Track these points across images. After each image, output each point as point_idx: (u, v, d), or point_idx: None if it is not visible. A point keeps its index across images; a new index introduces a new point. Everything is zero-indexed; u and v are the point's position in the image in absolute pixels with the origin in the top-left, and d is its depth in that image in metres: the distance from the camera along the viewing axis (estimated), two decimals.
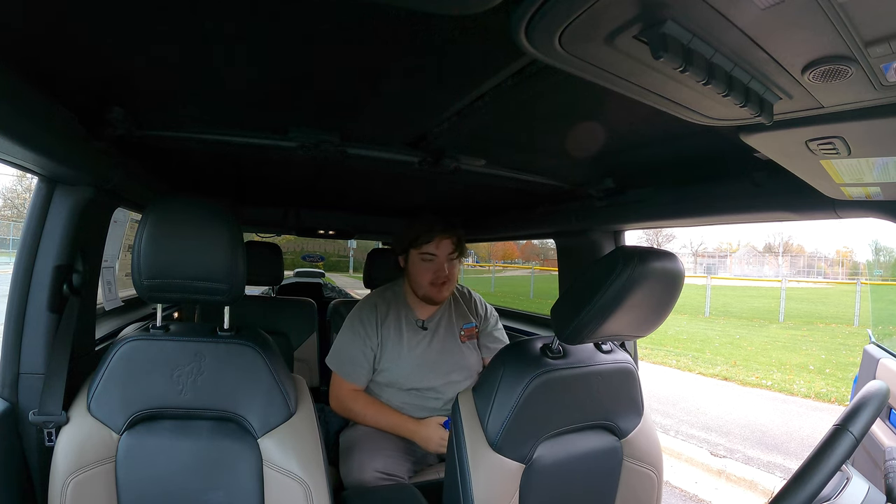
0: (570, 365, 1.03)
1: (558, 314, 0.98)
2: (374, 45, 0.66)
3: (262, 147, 1.12)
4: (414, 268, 1.54)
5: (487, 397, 1.02)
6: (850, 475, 0.77)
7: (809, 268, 33.25)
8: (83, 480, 0.88)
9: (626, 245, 0.83)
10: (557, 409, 1.03)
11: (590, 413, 1.07)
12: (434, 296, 1.54)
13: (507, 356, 1.05)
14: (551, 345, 1.04)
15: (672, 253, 0.92)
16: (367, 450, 1.38)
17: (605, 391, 1.07)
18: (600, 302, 0.87)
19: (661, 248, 0.88)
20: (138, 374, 0.94)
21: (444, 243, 1.51)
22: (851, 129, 0.58)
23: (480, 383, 1.07)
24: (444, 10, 0.50)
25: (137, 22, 0.61)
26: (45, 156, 0.84)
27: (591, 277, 0.90)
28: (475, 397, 1.05)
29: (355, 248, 13.73)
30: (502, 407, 0.99)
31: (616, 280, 0.85)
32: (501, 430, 0.99)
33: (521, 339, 1.09)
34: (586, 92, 0.70)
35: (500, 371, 1.03)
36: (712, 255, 38.03)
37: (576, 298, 0.93)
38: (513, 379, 1.00)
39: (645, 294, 0.89)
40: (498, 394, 1.00)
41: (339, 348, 1.54)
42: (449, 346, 1.58)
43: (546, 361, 1.02)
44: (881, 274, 16.06)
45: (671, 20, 0.43)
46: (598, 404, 1.07)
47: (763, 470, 3.38)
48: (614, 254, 0.87)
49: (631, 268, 0.84)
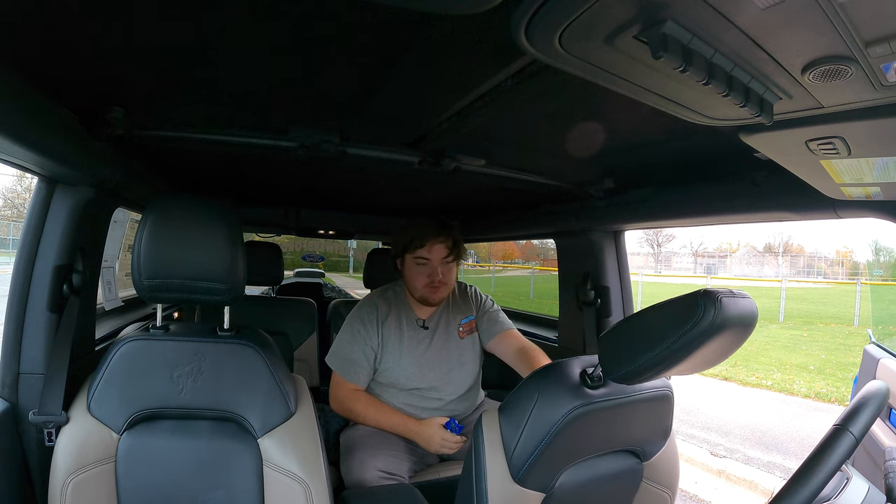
0: (610, 396, 0.92)
1: (609, 350, 0.87)
2: (374, 45, 0.66)
3: (262, 147, 1.12)
4: (409, 271, 1.54)
5: (516, 424, 0.92)
6: (850, 475, 0.77)
7: (809, 268, 33.24)
8: (83, 480, 0.88)
9: (707, 289, 0.74)
10: (589, 439, 0.95)
11: (620, 440, 1.00)
12: (429, 298, 1.53)
13: (543, 381, 0.94)
14: (591, 372, 0.93)
15: (748, 296, 0.81)
16: (368, 449, 1.38)
17: (640, 419, 0.99)
18: (670, 349, 0.76)
19: (739, 292, 0.77)
20: (138, 374, 0.94)
21: (437, 247, 1.50)
22: (851, 129, 0.58)
23: (510, 406, 0.96)
24: (444, 10, 0.50)
25: (137, 22, 0.61)
26: (45, 156, 0.84)
27: (662, 320, 0.78)
28: (502, 420, 0.95)
29: (355, 248, 13.74)
30: (532, 437, 0.90)
31: (694, 328, 0.74)
32: (528, 462, 0.90)
33: (557, 362, 0.98)
34: (586, 92, 0.70)
35: (535, 397, 0.92)
36: (712, 255, 38.02)
37: (638, 339, 0.81)
38: (548, 409, 0.90)
39: (719, 340, 0.78)
40: (530, 422, 0.91)
41: (340, 348, 1.54)
42: (449, 345, 1.58)
43: (585, 392, 0.91)
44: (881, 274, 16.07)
45: (671, 20, 0.43)
46: (631, 432, 1.00)
47: (763, 470, 3.38)
48: (693, 298, 0.75)
49: (712, 314, 0.73)
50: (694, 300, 0.75)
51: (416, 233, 1.51)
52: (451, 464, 1.52)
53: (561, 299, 1.77)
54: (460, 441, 1.44)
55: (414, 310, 1.59)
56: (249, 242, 2.35)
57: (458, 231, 1.57)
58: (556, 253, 1.79)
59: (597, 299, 1.56)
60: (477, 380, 1.64)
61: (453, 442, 1.42)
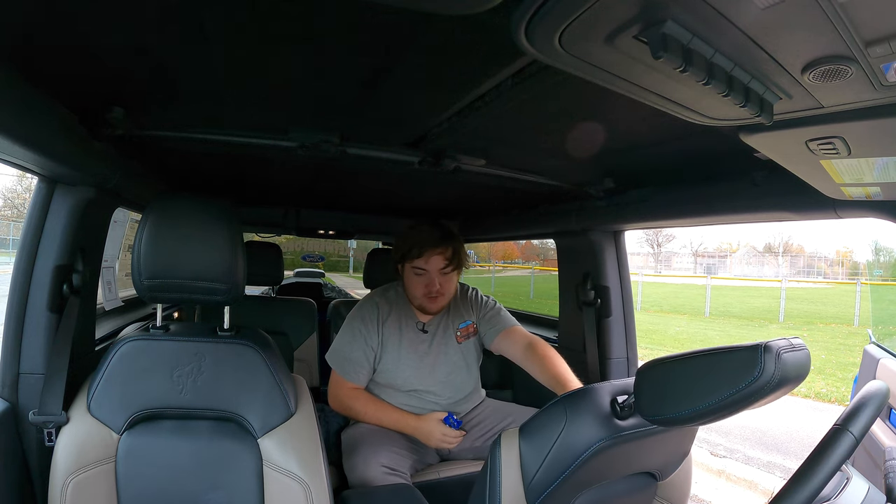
0: (639, 427, 0.86)
1: (649, 389, 0.80)
2: (374, 44, 0.66)
3: (262, 147, 1.12)
4: (408, 279, 1.52)
5: (539, 450, 0.87)
6: (850, 475, 0.77)
7: (809, 268, 33.26)
8: (83, 480, 0.88)
9: (767, 343, 0.68)
10: (611, 468, 0.91)
11: (641, 466, 0.96)
12: (427, 307, 1.51)
13: (571, 408, 0.88)
14: (622, 402, 0.87)
15: (805, 345, 0.75)
16: (371, 446, 1.38)
17: (664, 446, 0.95)
18: (720, 404, 0.70)
19: (796, 341, 0.70)
20: (138, 374, 0.94)
21: (435, 259, 1.47)
22: (851, 129, 0.58)
23: (533, 430, 0.90)
24: (444, 10, 0.50)
25: (137, 22, 0.61)
26: (45, 156, 0.84)
27: (715, 372, 0.72)
28: (522, 443, 0.90)
29: (355, 248, 13.73)
30: (556, 466, 0.85)
31: (750, 385, 0.68)
32: (548, 491, 0.86)
33: (587, 388, 0.93)
34: (586, 92, 0.70)
35: (561, 424, 0.87)
36: (712, 255, 38.04)
37: (683, 387, 0.75)
38: (575, 438, 0.85)
39: (771, 396, 0.72)
40: (554, 450, 0.86)
41: (340, 347, 1.53)
42: (448, 349, 1.57)
43: (615, 424, 0.85)
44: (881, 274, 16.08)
45: (671, 20, 0.43)
46: (653, 458, 0.96)
47: (763, 470, 3.38)
48: (753, 354, 0.69)
49: (772, 372, 0.67)
50: (754, 356, 0.68)
51: (414, 242, 1.48)
52: (451, 463, 1.52)
53: (561, 299, 1.77)
54: (459, 436, 1.44)
55: (414, 313, 1.58)
56: (249, 242, 2.35)
57: (460, 240, 1.54)
58: (556, 253, 1.79)
59: (597, 299, 1.56)
60: (475, 383, 1.63)
61: (452, 437, 1.43)
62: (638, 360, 1.60)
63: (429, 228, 1.51)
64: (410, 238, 1.50)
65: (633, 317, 1.60)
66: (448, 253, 1.48)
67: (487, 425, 1.55)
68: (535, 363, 1.43)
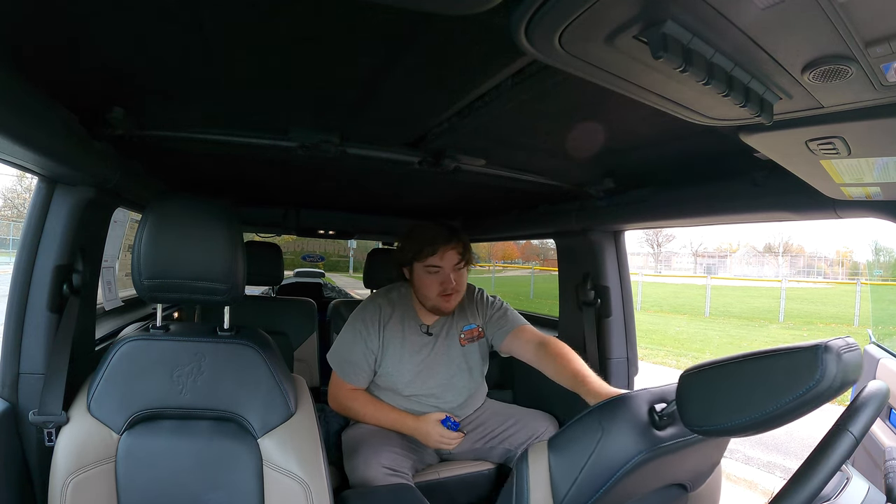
0: (678, 438, 0.81)
1: (695, 398, 0.73)
2: (375, 44, 0.66)
3: (262, 147, 1.12)
4: (420, 280, 1.49)
5: (572, 465, 0.81)
6: (850, 475, 0.77)
7: (809, 268, 33.27)
8: (83, 480, 0.88)
9: (826, 343, 0.62)
10: (644, 481, 0.85)
11: (673, 477, 0.91)
12: (443, 307, 1.48)
13: (607, 420, 0.82)
14: (661, 411, 0.81)
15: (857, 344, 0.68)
16: (371, 447, 1.38)
17: (699, 455, 0.89)
18: (777, 412, 0.64)
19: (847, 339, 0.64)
20: (138, 374, 0.94)
21: (450, 254, 1.45)
22: (851, 129, 0.58)
23: (565, 443, 0.84)
24: (444, 10, 0.50)
25: (137, 22, 0.61)
26: (45, 156, 0.84)
27: (770, 377, 0.66)
28: (552, 457, 0.83)
29: (355, 248, 13.76)
30: (591, 482, 0.78)
31: (811, 390, 0.62)
32: None
33: (622, 396, 0.86)
34: (586, 92, 0.70)
35: (597, 436, 0.80)
36: (712, 256, 38.06)
37: (735, 395, 0.68)
38: (612, 452, 0.79)
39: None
40: (589, 465, 0.79)
41: (340, 348, 1.53)
42: (451, 351, 1.55)
43: (653, 435, 0.79)
44: (881, 274, 16.09)
45: (671, 20, 0.43)
46: (686, 469, 0.91)
47: (763, 470, 3.38)
48: (812, 354, 0.62)
49: (834, 373, 0.61)
50: (813, 357, 0.62)
51: (426, 240, 1.45)
52: (451, 464, 1.52)
53: (561, 299, 1.76)
54: (458, 437, 1.44)
55: (419, 315, 1.56)
56: (249, 242, 2.35)
57: (466, 236, 1.53)
58: (556, 253, 1.79)
59: (597, 299, 1.56)
60: (478, 386, 1.61)
61: (451, 438, 1.42)
62: (638, 360, 1.60)
63: (436, 227, 1.49)
64: (420, 237, 1.47)
65: (633, 317, 1.60)
66: (460, 247, 1.47)
67: (488, 427, 1.55)
68: (550, 362, 1.37)
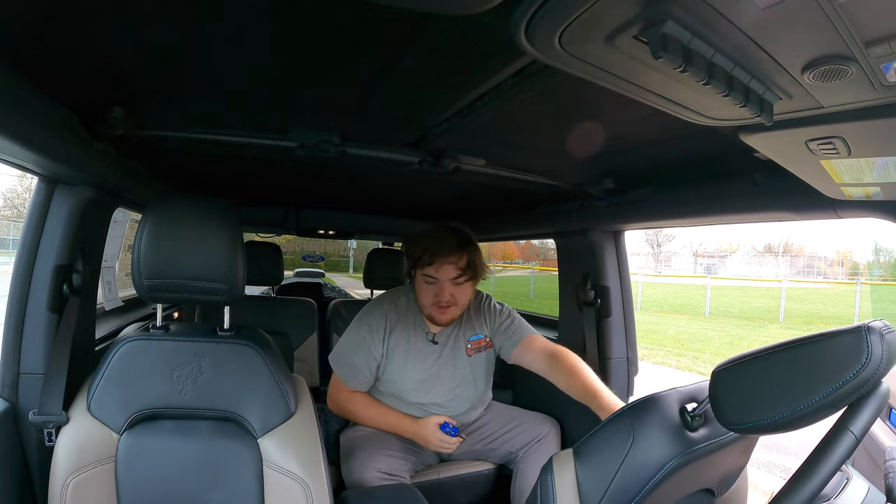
0: (712, 439, 0.76)
1: (731, 393, 0.68)
2: (374, 44, 0.66)
3: (262, 147, 1.12)
4: (418, 287, 1.46)
5: (603, 474, 0.75)
6: (850, 475, 0.77)
7: (809, 268, 33.27)
8: (83, 480, 0.88)
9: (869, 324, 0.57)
10: (676, 488, 0.79)
11: (703, 482, 0.86)
12: (437, 318, 1.44)
13: (638, 422, 0.76)
14: (693, 410, 0.76)
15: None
16: (368, 450, 1.37)
17: (730, 457, 0.84)
18: (821, 402, 0.58)
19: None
20: (138, 374, 0.94)
21: (447, 268, 1.38)
22: (851, 129, 0.58)
23: (593, 450, 0.78)
24: (444, 10, 0.50)
25: (138, 22, 0.61)
26: (45, 156, 0.84)
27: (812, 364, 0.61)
28: (580, 467, 0.78)
29: (355, 248, 13.76)
30: (624, 491, 0.73)
31: (858, 375, 0.57)
32: None
33: (650, 397, 0.81)
34: (586, 92, 0.70)
35: (628, 442, 0.75)
36: (712, 256, 38.06)
37: (773, 387, 0.63)
38: (645, 457, 0.74)
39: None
40: (621, 473, 0.74)
41: (343, 351, 1.51)
42: (457, 361, 1.52)
43: (686, 436, 0.74)
44: (881, 274, 16.08)
45: (671, 20, 0.43)
46: (716, 472, 0.86)
47: (763, 470, 3.38)
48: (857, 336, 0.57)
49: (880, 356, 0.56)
50: (858, 338, 0.57)
51: (426, 248, 1.40)
52: (450, 464, 1.52)
53: (561, 299, 1.76)
54: (457, 442, 1.43)
55: (426, 323, 1.51)
56: (249, 242, 2.35)
57: (477, 248, 1.45)
58: (556, 253, 1.79)
59: (597, 299, 1.55)
60: (483, 395, 1.59)
61: (450, 442, 1.42)
62: (638, 360, 1.60)
63: (444, 234, 1.42)
64: (423, 244, 1.41)
65: (633, 317, 1.59)
66: (462, 262, 1.39)
67: (490, 429, 1.54)
68: (561, 375, 1.35)
